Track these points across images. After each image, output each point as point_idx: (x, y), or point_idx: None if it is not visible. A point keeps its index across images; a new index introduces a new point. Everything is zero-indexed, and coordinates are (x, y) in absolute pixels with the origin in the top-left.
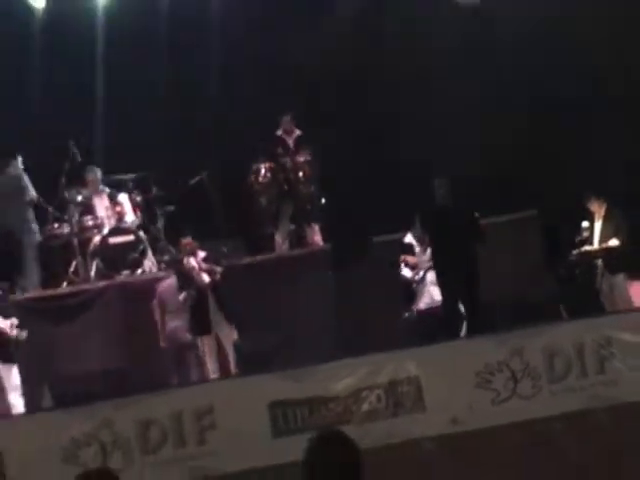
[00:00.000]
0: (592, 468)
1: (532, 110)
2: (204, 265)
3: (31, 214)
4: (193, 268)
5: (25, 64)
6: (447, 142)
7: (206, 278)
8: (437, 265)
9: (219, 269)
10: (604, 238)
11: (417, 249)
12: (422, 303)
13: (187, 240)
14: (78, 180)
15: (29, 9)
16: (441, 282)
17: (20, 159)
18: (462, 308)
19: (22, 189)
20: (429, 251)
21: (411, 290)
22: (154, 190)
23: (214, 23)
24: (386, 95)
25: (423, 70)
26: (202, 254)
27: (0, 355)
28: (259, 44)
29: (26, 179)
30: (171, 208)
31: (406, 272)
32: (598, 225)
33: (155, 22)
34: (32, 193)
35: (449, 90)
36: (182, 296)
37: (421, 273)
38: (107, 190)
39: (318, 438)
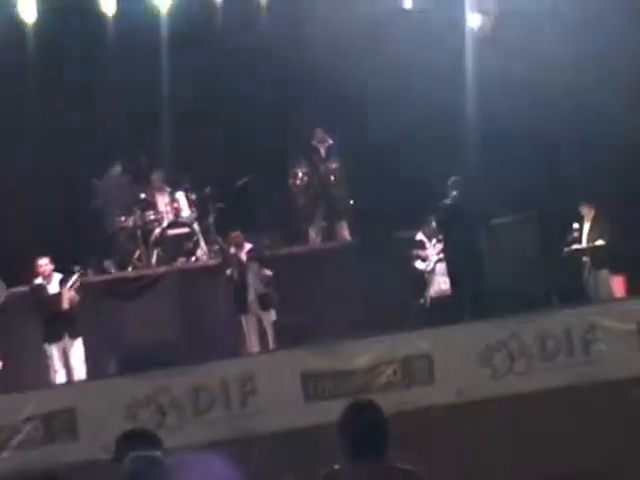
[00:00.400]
0: (576, 435)
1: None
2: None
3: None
4: (239, 258)
5: (95, 70)
6: (459, 152)
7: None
8: (447, 257)
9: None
10: (591, 239)
11: (427, 244)
12: (432, 291)
13: (236, 234)
14: (144, 180)
15: (100, 15)
16: (450, 272)
17: (120, 163)
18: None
19: (122, 187)
20: (438, 246)
21: (423, 280)
22: (207, 189)
23: (263, 45)
24: (402, 117)
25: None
26: (248, 246)
27: (68, 330)
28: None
29: (124, 179)
30: (221, 205)
31: (418, 264)
32: (587, 227)
33: (211, 48)
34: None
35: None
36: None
37: (431, 265)
38: (167, 189)
39: (353, 403)
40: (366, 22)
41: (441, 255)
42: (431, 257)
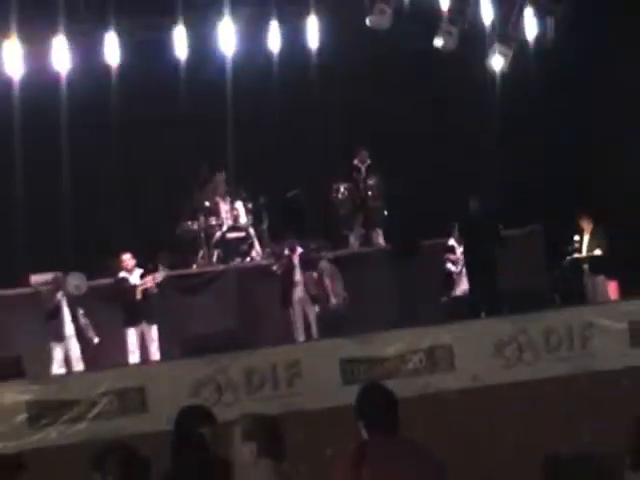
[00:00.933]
0: (574, 417)
1: (544, 152)
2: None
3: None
4: (291, 260)
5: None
6: (477, 175)
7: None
8: (466, 262)
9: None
10: (590, 249)
11: (458, 249)
12: (458, 291)
13: (291, 239)
14: (209, 190)
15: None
16: (469, 275)
17: (224, 172)
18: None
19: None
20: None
21: (452, 280)
22: (261, 200)
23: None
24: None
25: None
26: (299, 249)
27: (145, 317)
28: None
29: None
30: (273, 213)
31: (449, 266)
32: (586, 239)
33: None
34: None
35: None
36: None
37: (459, 267)
38: (229, 198)
39: (366, 385)
40: (406, 62)
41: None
42: (460, 260)
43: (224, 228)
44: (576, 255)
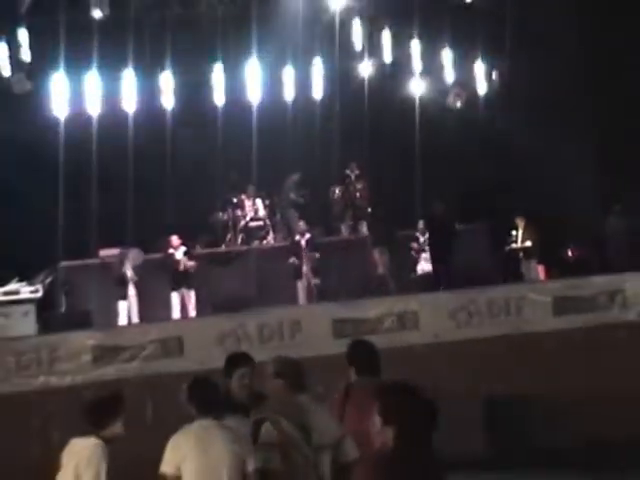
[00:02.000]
0: (510, 367)
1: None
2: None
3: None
4: (299, 243)
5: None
6: (439, 183)
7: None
8: (430, 249)
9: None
10: (522, 240)
11: (421, 238)
12: (420, 270)
13: (301, 224)
14: (239, 190)
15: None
16: (431, 259)
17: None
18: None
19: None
20: (425, 240)
21: (416, 262)
22: (275, 198)
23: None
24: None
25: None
26: (307, 235)
27: (186, 284)
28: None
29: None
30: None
31: (413, 252)
32: (520, 233)
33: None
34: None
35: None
36: (291, 260)
37: (422, 253)
38: (252, 196)
39: (355, 340)
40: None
41: (427, 247)
42: (423, 247)
43: (247, 218)
44: (513, 245)
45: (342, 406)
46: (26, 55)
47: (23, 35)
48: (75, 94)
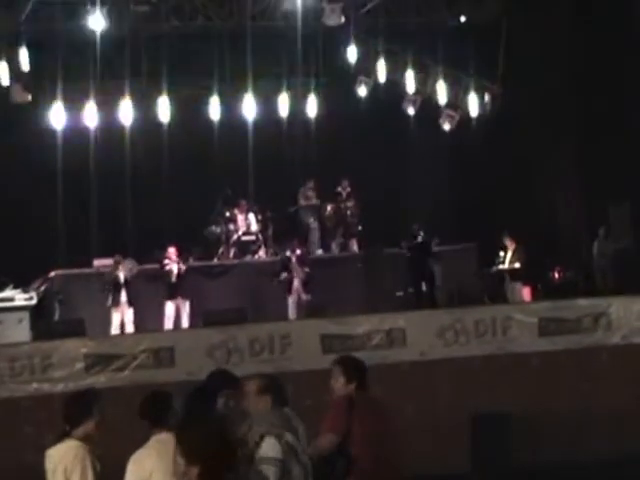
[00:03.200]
0: (495, 386)
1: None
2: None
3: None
4: (290, 259)
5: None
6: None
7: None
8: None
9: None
10: (511, 262)
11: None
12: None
13: (295, 243)
14: (232, 205)
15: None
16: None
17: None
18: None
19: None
20: None
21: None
22: (268, 213)
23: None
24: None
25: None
26: (298, 251)
27: (181, 294)
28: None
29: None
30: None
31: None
32: (509, 254)
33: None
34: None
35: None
36: (282, 276)
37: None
38: (244, 211)
39: (340, 356)
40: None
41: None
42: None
43: (239, 232)
44: (500, 267)
45: (347, 414)
46: (25, 65)
47: (22, 45)
48: (72, 106)
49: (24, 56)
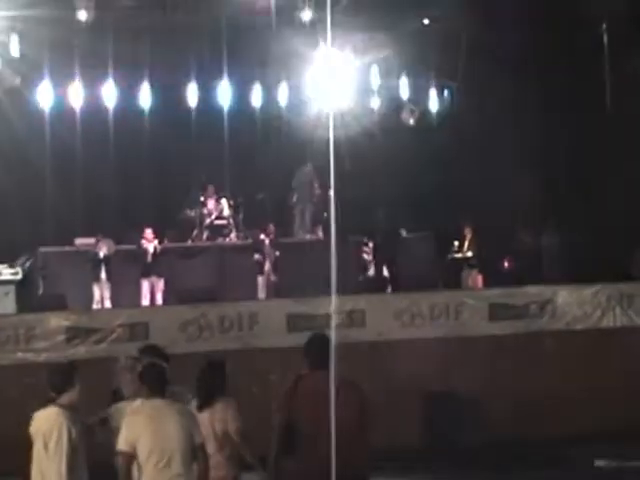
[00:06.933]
0: (446, 364)
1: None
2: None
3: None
4: (263, 242)
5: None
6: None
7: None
8: (376, 254)
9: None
10: (466, 251)
11: (369, 244)
12: (369, 272)
13: (270, 227)
14: (203, 191)
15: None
16: (378, 262)
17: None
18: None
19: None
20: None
21: (366, 265)
22: (239, 199)
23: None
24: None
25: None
26: (272, 235)
27: (156, 273)
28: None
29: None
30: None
31: (364, 256)
32: (466, 243)
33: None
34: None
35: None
36: (255, 257)
37: (370, 257)
38: (215, 196)
39: (313, 334)
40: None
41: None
42: (370, 252)
43: (212, 216)
44: (455, 255)
45: (290, 396)
46: (15, 50)
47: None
48: (60, 89)
49: (14, 40)
